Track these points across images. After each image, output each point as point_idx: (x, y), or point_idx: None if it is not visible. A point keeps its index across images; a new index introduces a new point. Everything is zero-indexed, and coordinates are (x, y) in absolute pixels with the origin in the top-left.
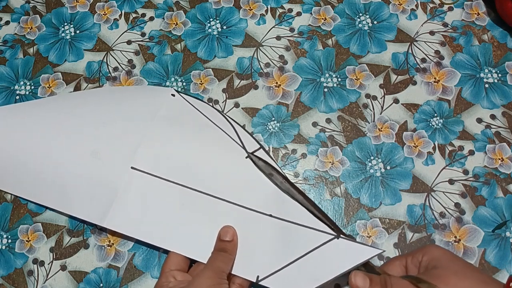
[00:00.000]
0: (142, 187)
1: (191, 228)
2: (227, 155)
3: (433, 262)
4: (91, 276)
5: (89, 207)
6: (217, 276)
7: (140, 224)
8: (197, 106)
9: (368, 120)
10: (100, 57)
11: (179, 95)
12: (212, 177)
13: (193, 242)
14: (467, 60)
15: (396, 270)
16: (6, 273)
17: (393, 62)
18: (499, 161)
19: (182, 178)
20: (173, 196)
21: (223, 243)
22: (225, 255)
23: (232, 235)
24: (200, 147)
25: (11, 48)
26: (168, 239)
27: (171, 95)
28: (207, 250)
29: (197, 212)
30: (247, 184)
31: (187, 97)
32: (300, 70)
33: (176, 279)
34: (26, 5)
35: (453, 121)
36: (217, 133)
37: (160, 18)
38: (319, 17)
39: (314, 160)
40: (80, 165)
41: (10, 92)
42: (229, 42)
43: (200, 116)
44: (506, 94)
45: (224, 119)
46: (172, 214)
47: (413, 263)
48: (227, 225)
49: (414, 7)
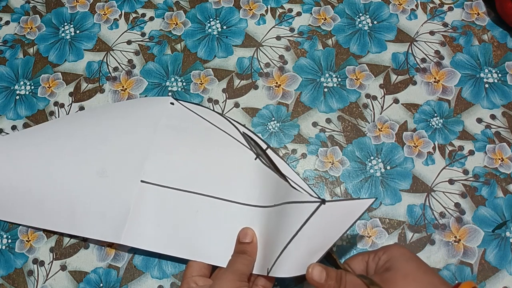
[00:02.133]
0: (154, 199)
1: (209, 234)
2: (236, 158)
3: (388, 263)
4: (91, 276)
5: (103, 226)
6: (237, 278)
7: (157, 237)
8: (198, 112)
9: (368, 120)
10: (100, 57)
11: (178, 103)
12: (222, 181)
13: (212, 248)
14: (467, 60)
15: (358, 265)
16: (6, 273)
17: (393, 62)
18: (499, 161)
19: (193, 185)
20: (186, 204)
21: (243, 245)
22: (245, 256)
23: (252, 236)
24: (207, 152)
25: (11, 48)
26: (186, 249)
27: (170, 104)
28: (227, 254)
29: (213, 217)
30: (259, 184)
31: (187, 104)
32: (300, 70)
33: (197, 285)
34: (26, 5)
35: (453, 121)
36: (222, 137)
37: (160, 18)
38: (319, 17)
39: (314, 160)
40: (88, 186)
41: (10, 92)
42: (229, 42)
43: (202, 122)
44: (506, 94)
45: (226, 121)
46: (188, 223)
47: (374, 261)
48: (245, 227)
49: (414, 7)
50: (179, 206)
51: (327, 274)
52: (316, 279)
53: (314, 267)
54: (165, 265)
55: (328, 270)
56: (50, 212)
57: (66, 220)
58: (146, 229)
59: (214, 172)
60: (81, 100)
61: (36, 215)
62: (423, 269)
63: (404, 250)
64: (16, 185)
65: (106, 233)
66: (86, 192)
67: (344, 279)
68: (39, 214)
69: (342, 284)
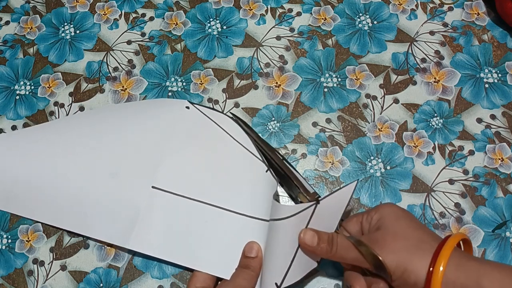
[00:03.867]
0: (164, 206)
1: (215, 246)
2: (247, 169)
3: (379, 222)
4: (91, 276)
5: (111, 229)
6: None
7: (165, 244)
8: (213, 118)
9: (368, 120)
10: (100, 57)
11: (193, 107)
12: (232, 192)
13: (217, 260)
14: (467, 60)
15: (353, 227)
16: (6, 273)
17: (393, 62)
18: (499, 161)
19: (203, 195)
20: (195, 214)
21: (247, 259)
22: (248, 271)
23: (257, 251)
24: (218, 162)
25: (11, 48)
26: (192, 258)
27: (186, 108)
28: (232, 267)
29: (221, 228)
30: (268, 198)
31: (202, 108)
32: (300, 70)
33: None
34: (26, 5)
35: (453, 121)
36: (234, 146)
37: (160, 18)
38: (319, 17)
39: (314, 160)
40: (99, 187)
41: (10, 92)
42: (229, 42)
43: (217, 129)
44: (506, 94)
45: (240, 129)
46: (196, 232)
47: (367, 221)
48: (251, 241)
49: (414, 7)
50: (188, 215)
51: (319, 237)
52: (308, 243)
53: (306, 232)
54: (165, 265)
55: (319, 233)
56: (61, 209)
57: (76, 219)
58: (154, 236)
59: (224, 183)
60: (81, 100)
61: (46, 211)
62: (413, 226)
63: (395, 208)
64: (29, 180)
65: (114, 237)
66: (98, 193)
67: (336, 241)
68: (50, 211)
69: (334, 245)
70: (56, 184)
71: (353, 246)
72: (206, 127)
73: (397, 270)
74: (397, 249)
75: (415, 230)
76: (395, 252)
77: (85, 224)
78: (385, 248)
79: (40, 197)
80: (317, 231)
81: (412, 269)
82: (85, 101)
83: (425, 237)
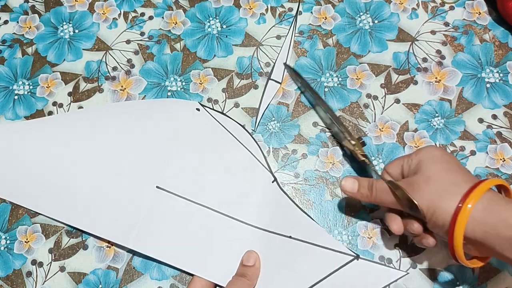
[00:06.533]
0: (167, 207)
1: (216, 252)
2: (253, 177)
3: (417, 166)
4: (90, 277)
5: (113, 227)
6: None
7: (164, 246)
8: (223, 122)
9: (369, 120)
10: (99, 56)
11: (204, 110)
12: (237, 200)
13: (216, 266)
14: (468, 60)
15: (395, 170)
16: (4, 274)
17: (394, 62)
18: (501, 161)
19: (207, 199)
20: (198, 218)
21: (245, 268)
22: (244, 280)
23: (255, 260)
24: (225, 168)
25: (9, 47)
26: (192, 263)
27: (196, 109)
28: (230, 274)
29: (222, 235)
30: (272, 209)
31: (212, 112)
32: (300, 69)
33: None
34: (24, 4)
35: (454, 121)
36: (243, 153)
37: (160, 17)
38: (319, 16)
39: (315, 161)
40: (104, 184)
41: (8, 92)
42: (228, 41)
43: (226, 135)
44: (508, 94)
45: (248, 135)
46: (197, 237)
47: (408, 164)
48: (250, 250)
49: (415, 6)
50: (190, 218)
51: (359, 183)
52: (349, 190)
53: (347, 179)
54: (165, 267)
55: (359, 179)
56: (65, 203)
57: (79, 214)
58: (156, 237)
59: (229, 189)
60: (79, 100)
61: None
62: (447, 168)
63: (434, 151)
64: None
65: (115, 235)
66: (102, 190)
67: (375, 186)
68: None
69: (373, 191)
70: (60, 177)
71: (389, 190)
72: (216, 131)
73: (428, 212)
74: (429, 192)
75: (449, 173)
76: (427, 195)
77: (87, 220)
78: (419, 191)
79: (43, 188)
80: (357, 177)
81: (440, 211)
82: (84, 101)
83: (459, 179)
